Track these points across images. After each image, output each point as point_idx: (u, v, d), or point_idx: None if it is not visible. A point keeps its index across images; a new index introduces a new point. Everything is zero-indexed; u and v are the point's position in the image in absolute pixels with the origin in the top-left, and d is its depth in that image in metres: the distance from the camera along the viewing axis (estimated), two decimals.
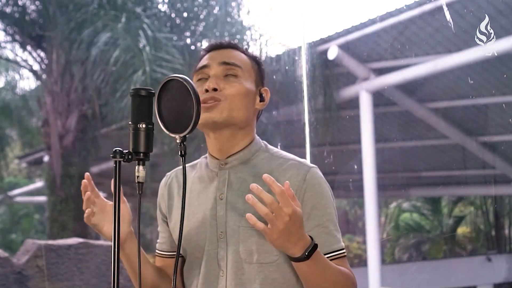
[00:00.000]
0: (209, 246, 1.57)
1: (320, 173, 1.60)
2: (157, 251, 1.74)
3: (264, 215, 1.34)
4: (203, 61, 1.65)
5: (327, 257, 1.51)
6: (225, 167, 1.61)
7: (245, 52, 1.68)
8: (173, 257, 1.70)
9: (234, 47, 1.68)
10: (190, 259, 1.63)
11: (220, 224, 1.57)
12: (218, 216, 1.57)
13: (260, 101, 1.66)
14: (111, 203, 1.65)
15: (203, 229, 1.59)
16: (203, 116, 1.55)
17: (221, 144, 1.62)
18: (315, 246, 1.41)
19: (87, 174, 1.62)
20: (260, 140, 1.68)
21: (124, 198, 1.65)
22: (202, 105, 1.56)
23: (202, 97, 1.58)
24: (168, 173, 1.77)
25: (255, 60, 1.68)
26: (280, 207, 1.33)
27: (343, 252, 1.56)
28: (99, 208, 1.63)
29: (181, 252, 1.68)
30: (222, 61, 1.62)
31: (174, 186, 1.72)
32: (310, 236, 1.42)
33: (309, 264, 1.42)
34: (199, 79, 1.64)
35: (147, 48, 8.63)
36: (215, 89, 1.59)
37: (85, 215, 1.62)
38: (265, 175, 1.35)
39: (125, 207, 1.66)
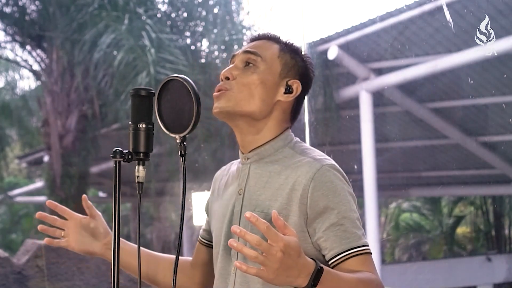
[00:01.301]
0: (225, 242, 1.55)
1: (334, 170, 1.50)
2: (200, 237, 1.74)
3: (253, 259, 1.25)
4: (236, 52, 1.63)
5: (345, 255, 1.43)
6: (247, 161, 1.58)
7: (279, 42, 1.63)
8: (209, 246, 1.70)
9: (269, 37, 1.63)
10: (214, 252, 1.62)
11: (235, 220, 1.54)
12: (235, 211, 1.55)
13: (285, 92, 1.57)
14: (85, 217, 1.67)
15: (222, 224, 1.57)
16: (214, 106, 1.54)
17: (242, 137, 1.58)
18: (320, 270, 1.32)
19: (49, 201, 1.65)
20: (291, 135, 1.60)
21: (98, 212, 1.67)
22: (214, 94, 1.56)
23: (216, 87, 1.57)
24: (223, 166, 1.73)
25: (289, 50, 1.61)
26: (270, 245, 1.25)
27: (365, 249, 1.45)
28: (72, 227, 1.66)
29: (205, 242, 1.70)
30: (245, 50, 1.58)
31: (218, 179, 1.70)
32: (313, 259, 1.33)
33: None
34: None
35: (152, 50, 8.63)
36: (228, 78, 1.56)
37: (46, 241, 1.65)
38: (247, 213, 1.25)
39: (99, 220, 1.67)
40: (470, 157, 9.62)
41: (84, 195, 1.64)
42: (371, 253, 1.47)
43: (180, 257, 1.69)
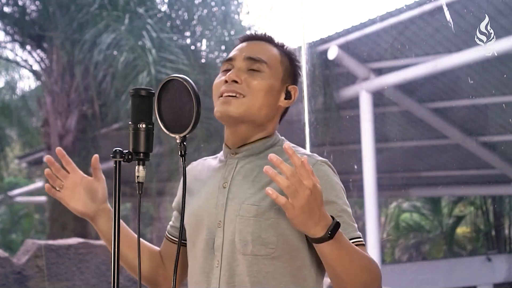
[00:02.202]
0: (207, 235, 1.54)
1: (329, 167, 1.54)
2: (166, 233, 1.72)
3: (284, 188, 1.28)
4: (232, 52, 1.61)
5: None
6: (235, 156, 1.58)
7: (277, 45, 1.63)
8: (176, 242, 1.68)
9: (267, 39, 1.63)
10: (189, 246, 1.61)
11: (219, 213, 1.53)
12: (218, 204, 1.54)
13: (286, 98, 1.59)
14: (87, 177, 1.66)
15: (202, 217, 1.56)
16: (220, 108, 1.53)
17: (235, 136, 1.58)
18: (337, 225, 1.35)
19: (58, 148, 1.63)
20: (279, 137, 1.63)
21: (102, 176, 1.65)
22: (219, 98, 1.54)
23: (221, 88, 1.55)
24: (193, 162, 1.73)
25: (287, 55, 1.62)
26: (301, 180, 1.28)
27: (361, 240, 1.49)
28: (70, 182, 1.64)
29: (183, 239, 1.67)
30: (248, 56, 1.57)
31: (191, 174, 1.68)
32: (331, 216, 1.36)
33: (333, 245, 1.35)
34: (224, 70, 1.60)
35: (153, 51, 8.63)
36: (235, 82, 1.54)
37: (45, 187, 1.63)
38: (271, 155, 1.30)
39: (101, 184, 1.65)
40: (470, 157, 9.62)
41: (96, 155, 1.62)
42: (365, 245, 1.51)
43: (151, 245, 1.70)
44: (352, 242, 1.45)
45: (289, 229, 1.47)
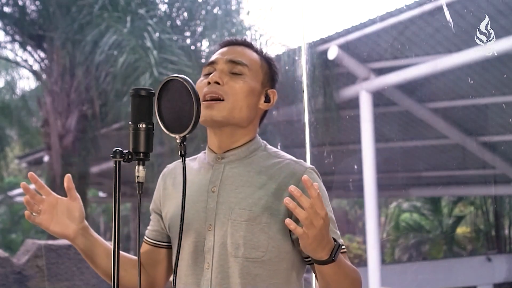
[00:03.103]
0: (196, 238, 1.56)
1: (316, 174, 1.60)
2: (145, 237, 1.73)
3: (303, 219, 1.34)
4: (213, 56, 1.66)
5: None
6: (222, 161, 1.62)
7: (257, 51, 1.68)
8: (157, 246, 1.70)
9: (247, 45, 1.68)
10: (174, 250, 1.62)
11: (209, 217, 1.56)
12: (208, 208, 1.57)
13: (265, 101, 1.65)
14: (62, 198, 1.65)
15: (191, 220, 1.58)
16: (203, 113, 1.55)
17: (220, 140, 1.63)
18: (339, 248, 1.44)
19: (30, 173, 1.62)
20: (260, 140, 1.67)
21: (77, 195, 1.65)
22: (203, 102, 1.57)
23: (203, 90, 1.59)
24: (169, 165, 1.76)
25: (266, 60, 1.68)
26: (317, 212, 1.35)
27: (344, 248, 1.56)
28: (47, 206, 1.63)
29: (168, 241, 1.68)
30: (229, 59, 1.62)
31: (170, 177, 1.71)
32: (333, 238, 1.44)
33: (333, 266, 1.43)
34: (206, 74, 1.64)
35: (154, 52, 8.63)
36: (217, 83, 1.59)
37: (25, 214, 1.63)
38: (305, 177, 1.36)
39: (77, 203, 1.64)
40: (470, 157, 9.62)
41: (68, 174, 1.62)
42: (346, 252, 1.59)
43: (132, 256, 1.70)
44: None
45: (279, 233, 1.53)
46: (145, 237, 1.73)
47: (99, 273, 1.69)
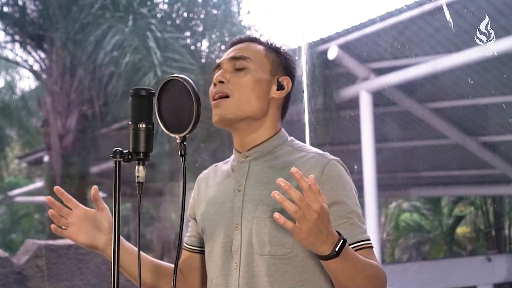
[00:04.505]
0: (224, 239, 1.56)
1: (341, 166, 1.56)
2: (184, 244, 1.73)
3: (292, 213, 1.29)
4: (219, 60, 1.65)
5: (353, 248, 1.47)
6: (246, 159, 1.60)
7: (261, 43, 1.66)
8: (194, 251, 1.70)
9: (251, 40, 1.67)
10: (208, 251, 1.62)
11: (236, 216, 1.55)
12: (235, 208, 1.56)
13: (278, 89, 1.61)
14: (89, 209, 1.65)
15: (219, 221, 1.58)
16: (213, 113, 1.56)
17: (240, 138, 1.61)
18: (344, 242, 1.37)
19: (56, 187, 1.62)
20: (285, 133, 1.64)
21: (105, 205, 1.65)
22: (211, 103, 1.57)
23: (211, 93, 1.59)
24: (204, 170, 1.75)
25: (273, 49, 1.65)
26: (309, 205, 1.29)
27: (369, 243, 1.51)
28: (75, 218, 1.64)
29: (201, 245, 1.68)
30: (231, 57, 1.61)
31: (204, 182, 1.70)
32: (338, 232, 1.38)
33: (339, 261, 1.37)
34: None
35: (157, 51, 8.63)
36: (222, 82, 1.58)
37: (51, 227, 1.62)
38: (293, 169, 1.30)
39: (105, 214, 1.64)
40: (470, 157, 9.62)
41: (95, 186, 1.62)
42: (373, 247, 1.53)
43: (169, 264, 1.70)
44: (360, 245, 1.49)
45: None
46: (184, 243, 1.73)
47: (134, 282, 1.67)
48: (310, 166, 1.53)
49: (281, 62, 1.64)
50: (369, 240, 1.51)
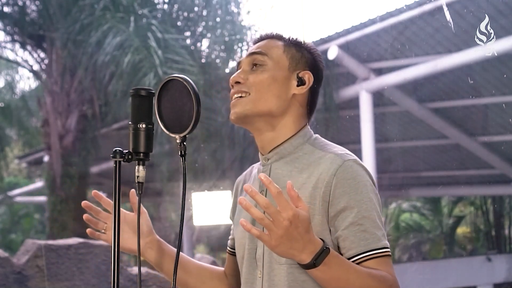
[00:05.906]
0: (249, 245, 1.53)
1: (359, 166, 1.48)
2: (227, 247, 1.71)
3: (258, 220, 1.25)
4: (240, 59, 1.62)
5: (363, 257, 1.40)
6: (268, 162, 1.55)
7: (282, 38, 1.60)
8: (233, 254, 1.67)
9: (270, 36, 1.61)
10: (238, 258, 1.60)
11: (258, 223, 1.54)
12: None
13: (298, 85, 1.54)
14: (128, 213, 1.63)
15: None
16: (231, 112, 1.53)
17: (260, 139, 1.56)
18: (326, 251, 1.30)
19: (94, 191, 1.61)
20: (309, 131, 1.57)
21: (144, 209, 1.60)
22: (231, 103, 1.54)
23: (231, 94, 1.56)
24: (241, 175, 1.71)
25: (293, 44, 1.59)
26: (278, 211, 1.24)
27: (385, 251, 1.41)
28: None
29: (233, 251, 1.66)
30: (249, 53, 1.57)
31: (240, 184, 1.67)
32: (322, 239, 1.32)
33: (323, 270, 1.31)
34: None
35: (159, 52, 8.63)
36: (238, 82, 1.54)
37: (87, 232, 1.61)
38: (261, 174, 1.26)
39: (143, 217, 1.62)
40: (470, 157, 9.62)
41: (132, 190, 1.56)
42: (390, 255, 1.43)
43: (214, 267, 1.69)
44: (371, 255, 1.40)
45: (321, 235, 1.41)
46: (227, 247, 1.71)
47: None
48: (324, 168, 1.46)
49: (301, 56, 1.57)
50: (384, 248, 1.41)
